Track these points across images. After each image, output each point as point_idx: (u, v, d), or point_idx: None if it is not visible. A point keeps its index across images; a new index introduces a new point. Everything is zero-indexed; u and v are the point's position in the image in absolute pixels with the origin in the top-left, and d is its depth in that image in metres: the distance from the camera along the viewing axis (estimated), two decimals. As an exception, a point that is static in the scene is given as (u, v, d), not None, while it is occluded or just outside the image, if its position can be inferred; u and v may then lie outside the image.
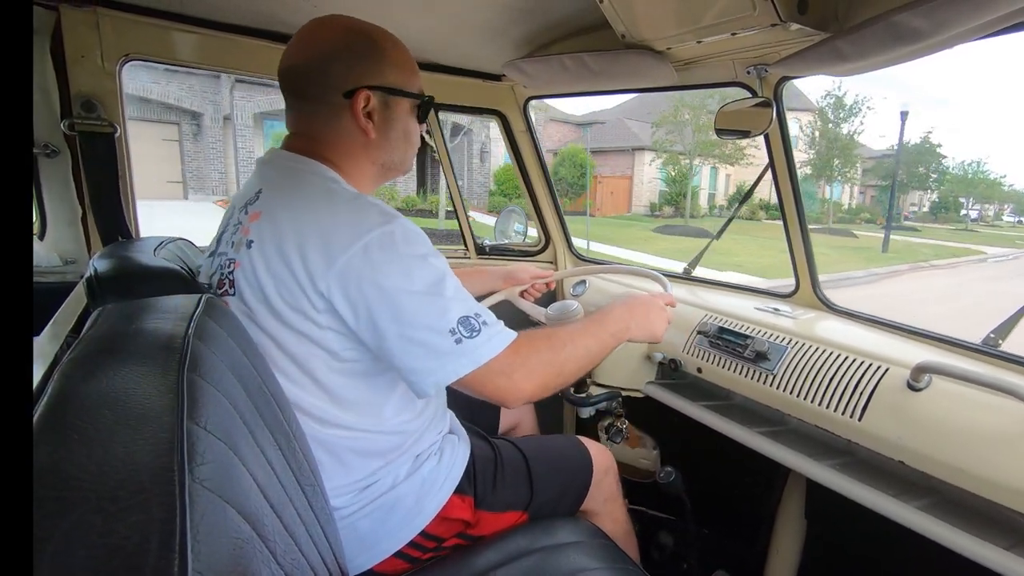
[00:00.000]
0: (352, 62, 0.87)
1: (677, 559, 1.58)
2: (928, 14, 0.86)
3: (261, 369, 0.74)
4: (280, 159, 0.91)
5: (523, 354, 0.84)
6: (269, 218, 0.82)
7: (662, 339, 1.11)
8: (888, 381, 1.05)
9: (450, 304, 0.79)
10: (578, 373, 0.93)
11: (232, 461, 0.47)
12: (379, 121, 0.90)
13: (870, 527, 1.04)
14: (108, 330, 0.58)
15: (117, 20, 1.32)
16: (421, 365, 0.78)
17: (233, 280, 0.83)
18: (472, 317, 0.80)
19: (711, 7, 1.09)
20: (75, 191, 1.40)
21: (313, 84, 0.87)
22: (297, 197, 0.83)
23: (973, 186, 35.01)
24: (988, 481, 0.88)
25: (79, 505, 0.34)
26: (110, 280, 0.88)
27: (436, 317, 0.77)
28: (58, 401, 0.44)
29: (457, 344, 0.77)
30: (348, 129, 0.89)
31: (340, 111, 0.88)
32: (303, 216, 0.79)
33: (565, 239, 2.18)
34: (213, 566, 0.35)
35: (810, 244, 1.49)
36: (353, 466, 0.89)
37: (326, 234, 0.77)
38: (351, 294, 0.76)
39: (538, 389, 0.87)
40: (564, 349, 0.91)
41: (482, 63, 1.79)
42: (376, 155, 0.93)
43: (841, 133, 22.81)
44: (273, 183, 0.87)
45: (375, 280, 0.76)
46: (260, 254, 0.80)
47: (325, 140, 0.90)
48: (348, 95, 0.87)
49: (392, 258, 0.77)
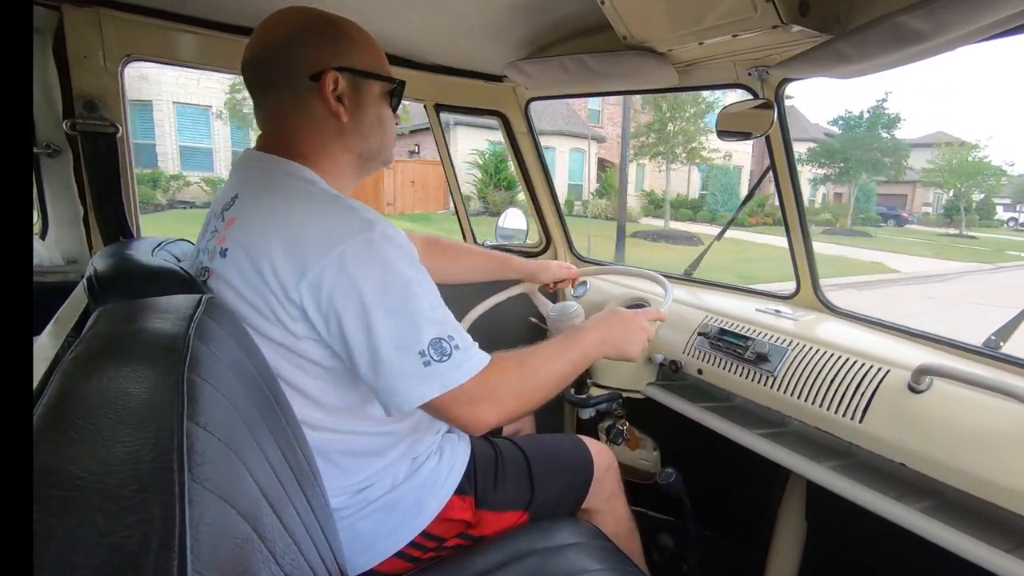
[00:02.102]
0: (317, 43, 0.84)
1: (677, 560, 1.58)
2: (930, 16, 0.86)
3: (262, 369, 0.74)
4: (255, 160, 0.88)
5: (491, 383, 0.81)
6: (243, 225, 0.79)
7: (637, 359, 1.09)
8: (889, 383, 1.05)
9: (424, 324, 0.75)
10: (546, 399, 0.91)
11: (232, 461, 0.47)
12: (350, 105, 0.86)
13: (870, 529, 1.04)
14: (109, 330, 0.58)
15: (119, 20, 1.33)
16: (386, 384, 0.75)
17: (209, 288, 0.81)
18: (445, 340, 0.76)
19: (712, 9, 1.09)
20: (77, 191, 1.40)
21: (277, 69, 0.84)
22: (272, 202, 0.80)
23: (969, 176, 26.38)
24: (989, 483, 0.88)
25: (80, 504, 0.34)
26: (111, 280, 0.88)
27: (407, 336, 0.74)
28: (59, 400, 0.44)
29: (425, 367, 0.74)
30: (318, 116, 0.85)
31: (308, 96, 0.84)
32: (277, 221, 0.76)
33: (566, 240, 2.18)
34: (213, 566, 0.35)
35: (811, 246, 1.49)
36: (347, 468, 0.89)
37: (300, 241, 0.74)
38: (322, 304, 0.74)
39: (502, 418, 0.84)
40: (535, 378, 0.88)
41: (483, 64, 1.79)
42: (351, 142, 0.89)
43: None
44: (249, 188, 0.84)
45: (348, 291, 0.73)
46: (234, 263, 0.78)
47: (297, 133, 0.86)
48: (315, 77, 0.83)
49: (368, 270, 0.74)
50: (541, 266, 1.56)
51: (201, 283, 0.83)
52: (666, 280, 1.44)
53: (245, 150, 0.92)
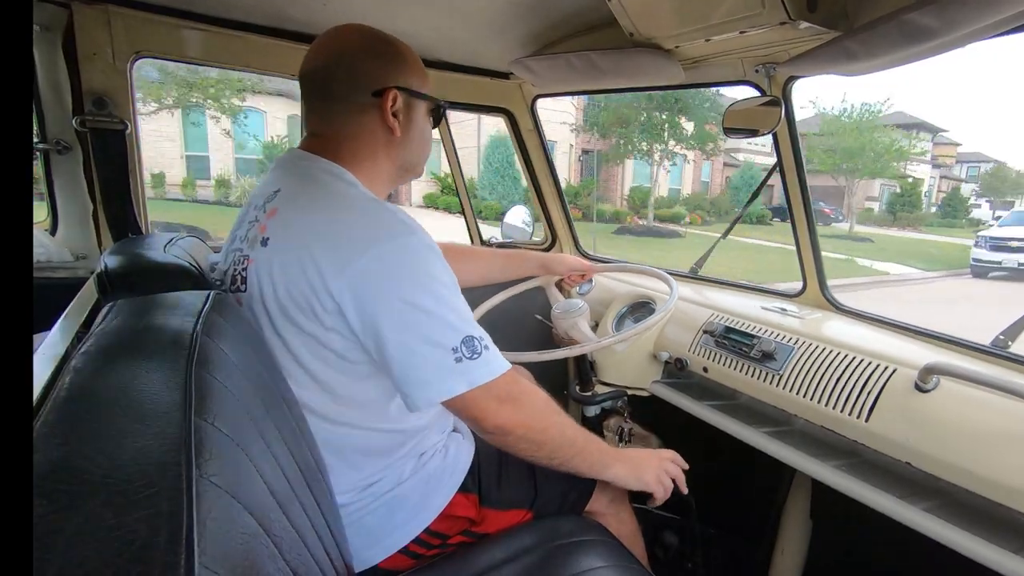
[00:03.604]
0: (381, 62, 0.91)
1: (682, 559, 1.58)
2: (938, 13, 0.85)
3: (268, 365, 0.75)
4: (299, 159, 0.92)
5: (518, 389, 0.86)
6: (286, 217, 0.83)
7: (650, 487, 1.04)
8: (895, 382, 1.05)
9: (457, 323, 0.79)
10: (553, 450, 0.92)
11: (239, 457, 0.48)
12: (403, 121, 0.93)
13: (876, 528, 1.04)
14: (118, 326, 0.59)
15: (128, 17, 1.33)
16: (418, 377, 0.78)
17: (245, 277, 0.84)
18: (476, 339, 0.80)
19: (720, 5, 1.08)
20: (86, 187, 1.41)
21: (340, 83, 0.90)
22: (316, 199, 0.84)
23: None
24: (995, 483, 0.88)
25: (90, 499, 0.35)
26: (120, 276, 0.89)
27: (441, 334, 0.78)
28: (69, 396, 0.45)
29: (457, 363, 0.78)
30: (372, 128, 0.92)
31: (367, 109, 0.91)
32: (320, 218, 0.80)
33: (572, 238, 2.18)
34: (220, 560, 0.35)
35: (818, 244, 1.48)
36: (357, 464, 0.90)
37: (342, 237, 0.78)
38: (360, 299, 0.77)
39: (518, 427, 0.86)
40: (557, 416, 0.92)
41: (489, 61, 1.79)
42: (396, 154, 0.95)
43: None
44: (292, 183, 0.88)
45: (387, 289, 0.76)
46: (275, 252, 0.81)
47: (347, 140, 0.91)
48: (377, 94, 0.90)
49: (406, 271, 0.78)
50: (556, 258, 1.58)
51: (238, 271, 0.86)
52: (671, 278, 1.43)
53: (288, 149, 0.96)
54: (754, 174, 21.93)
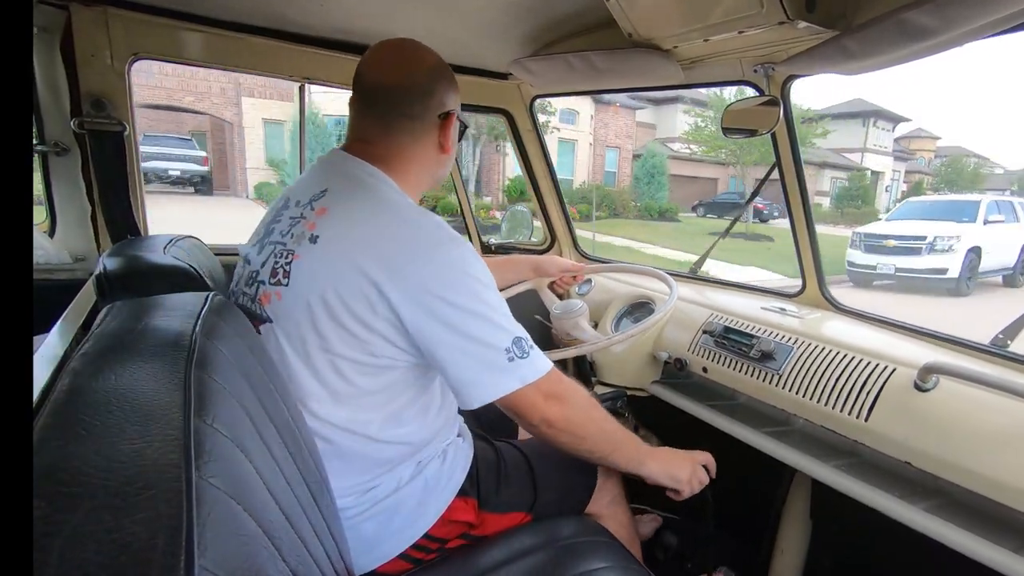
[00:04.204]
0: (448, 89, 0.98)
1: (681, 559, 1.58)
2: (937, 12, 0.86)
3: (267, 367, 0.75)
4: (345, 161, 0.94)
5: (564, 385, 0.92)
6: (338, 217, 0.85)
7: (683, 486, 1.06)
8: (895, 381, 1.05)
9: (507, 326, 0.85)
10: (593, 445, 0.97)
11: (239, 458, 0.48)
12: (452, 142, 1.01)
13: (875, 528, 1.04)
14: (117, 327, 0.59)
15: (126, 19, 1.33)
16: (473, 378, 0.84)
17: (289, 271, 0.85)
18: (523, 340, 0.86)
19: (718, 5, 1.09)
20: (85, 189, 1.41)
21: (414, 104, 0.94)
22: (368, 205, 0.87)
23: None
24: (995, 482, 0.88)
25: (88, 501, 0.34)
26: (119, 277, 0.89)
27: (495, 336, 0.84)
28: (67, 397, 0.45)
29: (509, 362, 0.84)
30: (427, 145, 0.97)
31: (431, 129, 0.97)
32: (374, 225, 0.84)
33: (571, 238, 2.18)
34: (220, 562, 0.35)
35: (817, 244, 1.48)
36: (358, 469, 0.90)
37: (399, 247, 0.82)
38: (418, 306, 0.81)
39: (562, 420, 0.91)
40: (598, 412, 0.98)
41: (488, 62, 1.79)
42: (438, 169, 1.03)
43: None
44: (340, 184, 0.90)
45: (444, 296, 0.81)
46: (325, 251, 0.83)
47: (402, 152, 0.95)
48: (443, 116, 0.97)
49: (460, 279, 0.83)
50: (547, 260, 1.58)
51: (281, 265, 0.87)
52: (671, 278, 1.43)
53: (332, 150, 0.98)
54: (657, 163, 20.92)
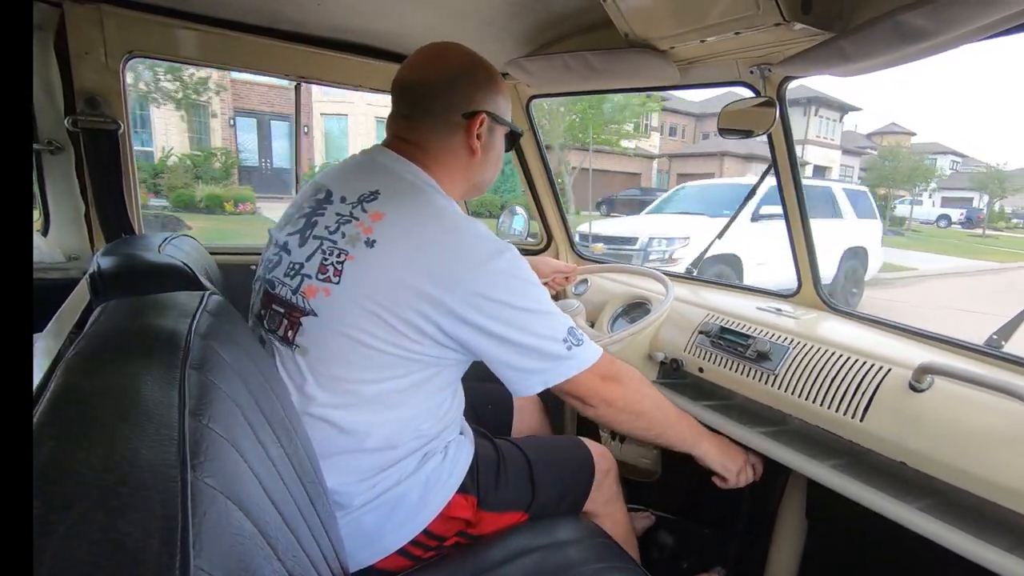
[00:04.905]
0: (477, 86, 0.97)
1: (677, 558, 1.58)
2: (933, 14, 0.86)
3: (262, 365, 0.74)
4: (394, 163, 0.95)
5: (619, 367, 0.99)
6: (395, 226, 0.86)
7: (731, 479, 1.14)
8: (890, 382, 1.05)
9: (560, 317, 0.91)
10: (651, 422, 1.03)
11: (234, 457, 0.47)
12: (484, 143, 1.00)
13: (871, 528, 1.04)
14: (111, 326, 0.59)
15: (120, 17, 1.33)
16: (535, 366, 0.89)
17: (342, 271, 0.85)
18: (575, 329, 0.92)
19: (714, 6, 1.09)
20: (79, 187, 1.40)
21: (436, 101, 0.95)
22: (422, 213, 0.88)
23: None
24: (989, 482, 0.88)
25: (82, 501, 0.34)
26: (113, 276, 0.88)
27: (552, 328, 0.89)
28: (61, 397, 0.44)
29: (568, 350, 0.89)
30: (456, 146, 0.98)
31: (456, 128, 0.97)
32: (430, 234, 0.86)
33: (567, 237, 2.18)
34: (215, 562, 0.35)
35: (813, 244, 1.49)
36: (366, 464, 0.90)
37: (454, 256, 0.84)
38: (480, 311, 0.84)
39: (619, 400, 0.97)
40: (653, 392, 1.04)
41: (485, 61, 1.78)
42: (472, 173, 1.02)
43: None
44: (393, 188, 0.91)
45: (502, 298, 0.85)
46: (383, 258, 0.84)
47: (433, 152, 0.97)
48: (468, 116, 0.96)
49: (514, 281, 0.87)
50: (539, 261, 1.58)
51: (332, 263, 0.87)
52: (667, 278, 1.44)
53: (375, 147, 1.00)
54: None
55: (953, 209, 30.31)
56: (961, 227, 26.72)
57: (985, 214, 30.11)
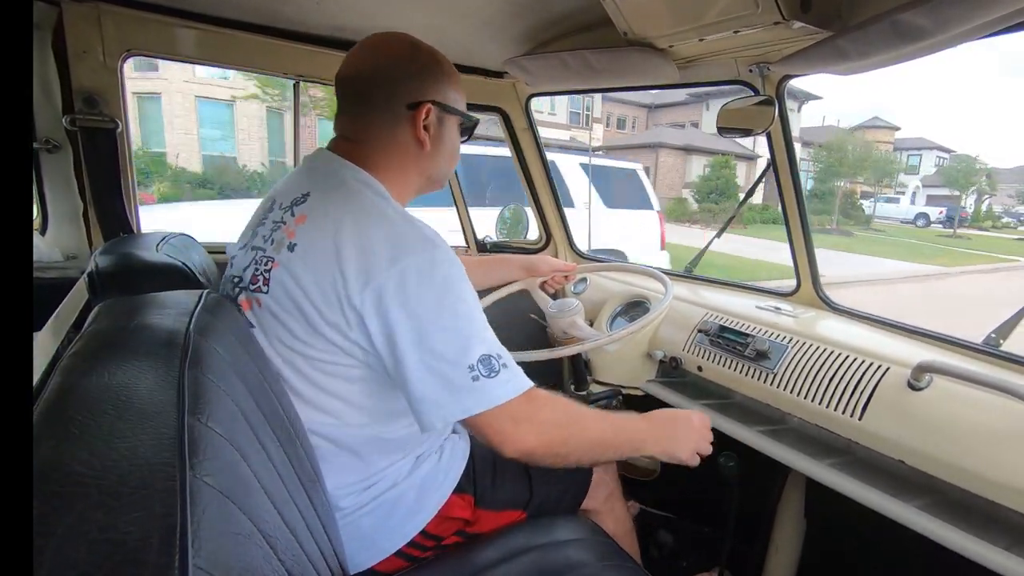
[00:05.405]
0: (420, 76, 0.91)
1: (676, 557, 1.59)
2: (931, 12, 0.86)
3: (262, 365, 0.74)
4: (331, 163, 0.91)
5: (537, 406, 0.82)
6: (315, 225, 0.82)
7: (688, 461, 0.99)
8: (889, 380, 1.05)
9: (474, 341, 0.78)
10: (582, 455, 0.89)
11: (233, 457, 0.47)
12: (434, 135, 0.93)
13: (869, 526, 1.05)
14: (109, 325, 0.58)
15: (118, 15, 1.32)
16: (433, 396, 0.77)
17: (268, 278, 0.84)
18: (494, 357, 0.78)
19: (713, 5, 1.09)
20: (77, 186, 1.40)
21: (378, 92, 0.90)
22: (345, 208, 0.83)
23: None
24: (988, 481, 0.88)
25: (81, 500, 0.34)
26: (112, 275, 0.88)
27: (458, 351, 0.76)
28: (59, 396, 0.44)
29: (474, 381, 0.76)
30: (403, 140, 0.92)
31: (400, 121, 0.91)
32: (349, 230, 0.80)
33: (566, 236, 2.18)
34: (214, 561, 0.35)
35: (811, 243, 1.49)
36: (356, 467, 0.90)
37: (369, 251, 0.78)
38: (382, 313, 0.76)
39: (539, 447, 0.82)
40: (579, 421, 0.88)
41: (483, 60, 1.78)
42: (424, 167, 0.96)
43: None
44: (322, 188, 0.87)
45: (407, 305, 0.76)
46: (303, 260, 0.80)
47: (378, 148, 0.91)
48: (412, 107, 0.90)
49: (427, 287, 0.77)
50: (538, 260, 1.57)
51: (260, 272, 0.85)
52: (666, 277, 1.44)
53: (318, 149, 0.95)
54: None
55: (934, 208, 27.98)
56: (942, 226, 24.77)
57: (969, 213, 28.41)
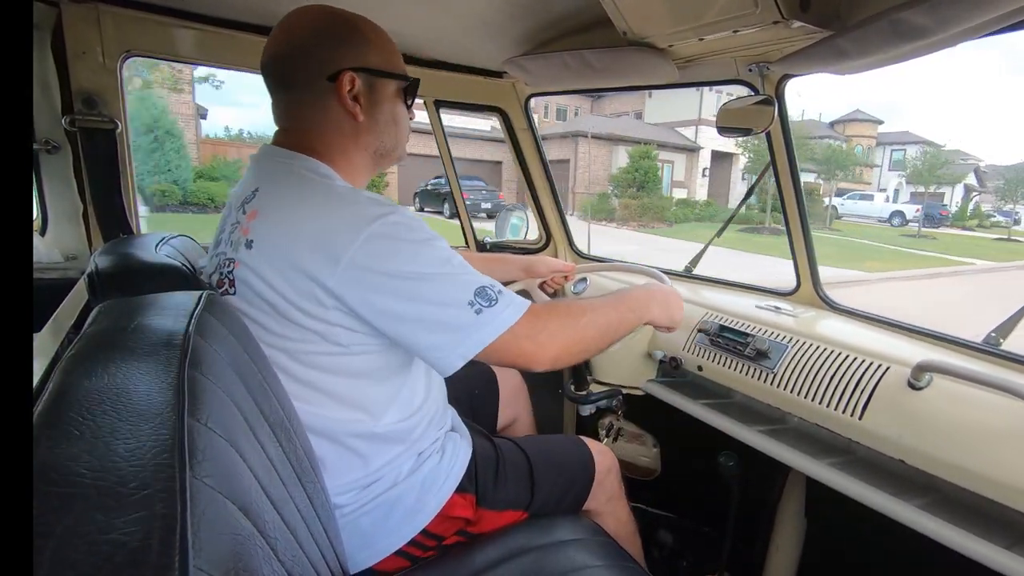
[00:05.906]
0: (334, 45, 0.86)
1: (677, 557, 1.59)
2: (931, 11, 0.86)
3: (261, 365, 0.74)
4: (273, 155, 0.89)
5: (544, 318, 0.85)
6: (267, 217, 0.81)
7: (679, 326, 1.12)
8: (889, 380, 1.05)
9: (463, 278, 0.79)
10: (598, 343, 0.94)
11: (233, 457, 0.47)
12: (366, 104, 0.89)
13: (870, 525, 1.04)
14: (109, 326, 0.58)
15: (118, 16, 1.32)
16: (444, 341, 0.78)
17: (233, 279, 0.83)
18: (487, 287, 0.80)
19: (713, 4, 1.09)
20: (76, 187, 1.40)
21: (297, 70, 0.86)
22: (294, 195, 0.82)
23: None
24: (988, 479, 0.88)
25: (80, 501, 0.34)
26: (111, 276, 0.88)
27: (453, 292, 0.78)
28: (59, 397, 0.44)
29: (478, 314, 0.78)
30: (335, 115, 0.88)
31: (326, 96, 0.87)
32: (302, 214, 0.79)
33: (566, 236, 2.18)
34: (214, 562, 0.35)
35: (811, 242, 1.49)
36: (355, 465, 0.89)
37: (328, 232, 0.77)
38: (363, 287, 0.76)
39: (562, 352, 0.87)
40: (584, 316, 0.91)
41: (483, 60, 1.78)
42: (366, 141, 0.92)
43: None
44: (269, 181, 0.86)
45: (385, 268, 0.76)
46: (261, 254, 0.80)
47: (315, 131, 0.89)
48: (332, 78, 0.86)
49: (397, 245, 0.77)
50: (538, 260, 1.58)
51: (224, 275, 0.84)
52: (666, 277, 1.44)
53: (262, 145, 0.93)
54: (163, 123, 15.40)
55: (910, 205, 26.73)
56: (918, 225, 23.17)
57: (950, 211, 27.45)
